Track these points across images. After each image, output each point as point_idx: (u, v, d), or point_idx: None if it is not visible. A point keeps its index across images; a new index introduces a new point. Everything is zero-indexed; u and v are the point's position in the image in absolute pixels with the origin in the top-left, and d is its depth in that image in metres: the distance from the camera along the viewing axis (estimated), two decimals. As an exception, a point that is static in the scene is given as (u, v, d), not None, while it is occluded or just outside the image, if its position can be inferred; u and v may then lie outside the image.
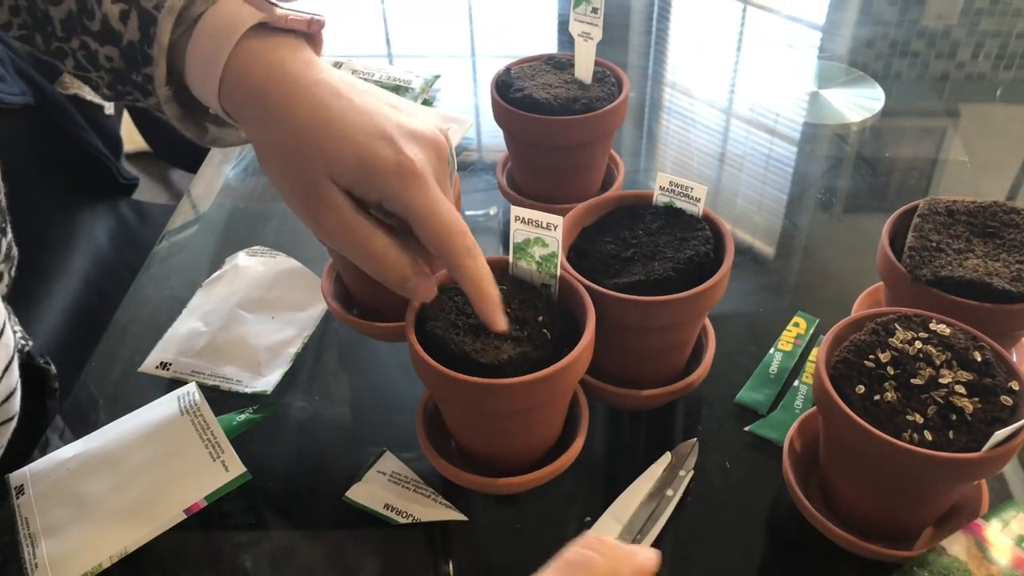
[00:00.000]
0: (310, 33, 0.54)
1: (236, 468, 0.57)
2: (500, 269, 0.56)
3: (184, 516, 0.55)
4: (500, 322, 0.50)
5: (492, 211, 0.84)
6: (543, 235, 0.54)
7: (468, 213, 0.84)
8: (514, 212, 0.54)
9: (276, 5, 0.52)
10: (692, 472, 0.58)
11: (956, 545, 0.49)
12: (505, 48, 1.17)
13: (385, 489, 0.58)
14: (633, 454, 0.61)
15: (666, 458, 0.58)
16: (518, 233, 0.55)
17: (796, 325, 0.69)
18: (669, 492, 0.56)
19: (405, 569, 0.55)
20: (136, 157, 1.80)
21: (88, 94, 1.06)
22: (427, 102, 0.97)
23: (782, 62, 1.10)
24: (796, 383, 0.64)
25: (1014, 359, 0.61)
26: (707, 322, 0.65)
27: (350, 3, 1.27)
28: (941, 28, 1.19)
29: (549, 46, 1.13)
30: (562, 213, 0.60)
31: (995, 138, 0.98)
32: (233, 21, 0.50)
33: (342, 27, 1.20)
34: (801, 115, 0.98)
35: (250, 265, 0.75)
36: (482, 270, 0.50)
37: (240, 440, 0.61)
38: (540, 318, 0.53)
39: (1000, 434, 0.44)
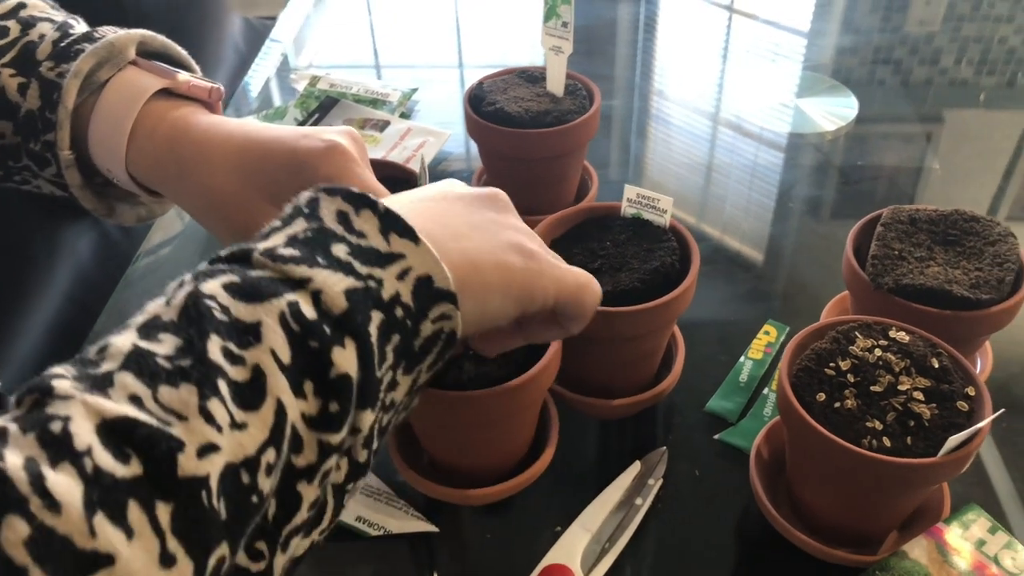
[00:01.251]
0: (210, 102, 0.56)
1: (209, 482, 0.58)
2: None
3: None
4: None
5: None
6: None
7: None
8: None
9: (177, 72, 0.55)
10: (661, 480, 0.58)
11: (917, 549, 0.50)
12: (492, 59, 1.18)
13: (357, 502, 0.58)
14: (603, 463, 0.61)
15: (635, 467, 0.59)
16: None
17: (767, 333, 0.70)
18: (638, 501, 0.57)
19: (377, 581, 0.55)
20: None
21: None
22: (405, 115, 0.97)
23: (762, 72, 1.11)
24: (766, 391, 0.65)
25: (977, 364, 0.62)
26: (677, 331, 0.65)
27: (338, 16, 1.28)
28: (924, 34, 1.20)
29: (538, 59, 1.14)
30: (535, 225, 0.61)
31: (977, 143, 0.99)
32: (139, 87, 0.53)
33: (330, 39, 1.21)
34: (775, 124, 0.99)
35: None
36: None
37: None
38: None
39: (955, 439, 0.45)
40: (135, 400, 0.29)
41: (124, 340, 0.31)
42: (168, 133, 0.53)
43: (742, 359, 0.68)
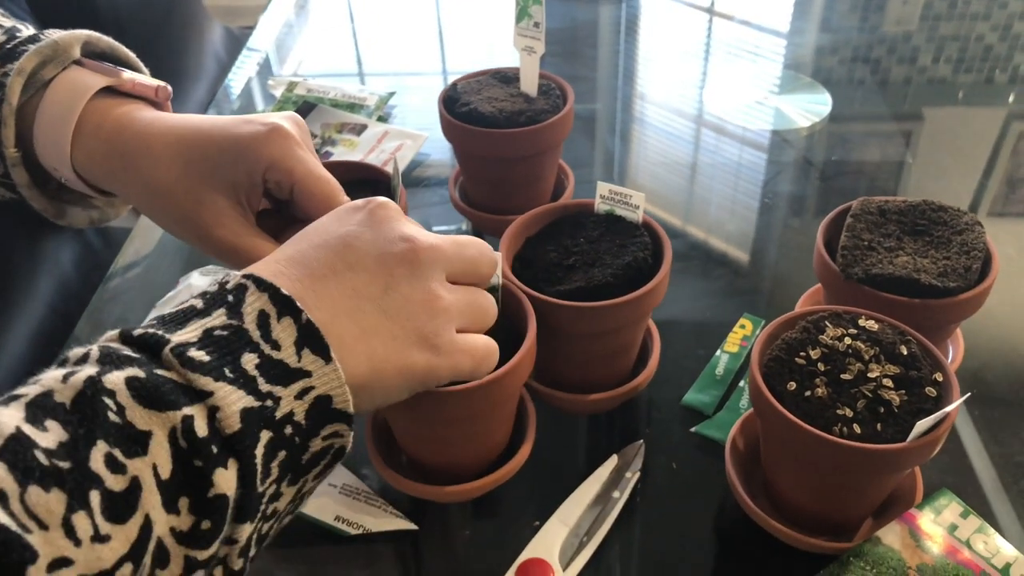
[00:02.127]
0: (157, 100, 0.56)
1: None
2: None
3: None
4: None
5: (464, 227, 0.85)
6: None
7: (436, 229, 0.85)
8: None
9: (122, 71, 0.55)
10: (639, 474, 0.59)
11: (891, 535, 0.50)
12: (475, 65, 1.19)
13: (336, 501, 0.58)
14: (581, 458, 0.62)
15: (613, 461, 0.59)
16: None
17: (742, 327, 0.71)
18: (616, 494, 0.57)
19: (357, 579, 0.55)
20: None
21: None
22: (382, 119, 0.98)
23: (740, 71, 1.12)
24: (741, 384, 0.66)
25: (948, 353, 0.62)
26: (652, 326, 0.66)
27: (320, 24, 1.29)
28: (901, 33, 1.21)
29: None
30: (509, 224, 0.62)
31: (956, 140, 1.00)
32: (82, 85, 0.53)
33: (312, 47, 1.21)
34: (752, 122, 1.00)
35: (203, 285, 0.75)
36: None
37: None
38: (482, 329, 0.54)
39: (923, 424, 0.46)
40: (2, 497, 0.28)
41: (10, 418, 0.30)
42: (112, 128, 0.53)
43: (718, 353, 0.68)
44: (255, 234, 0.52)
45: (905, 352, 0.51)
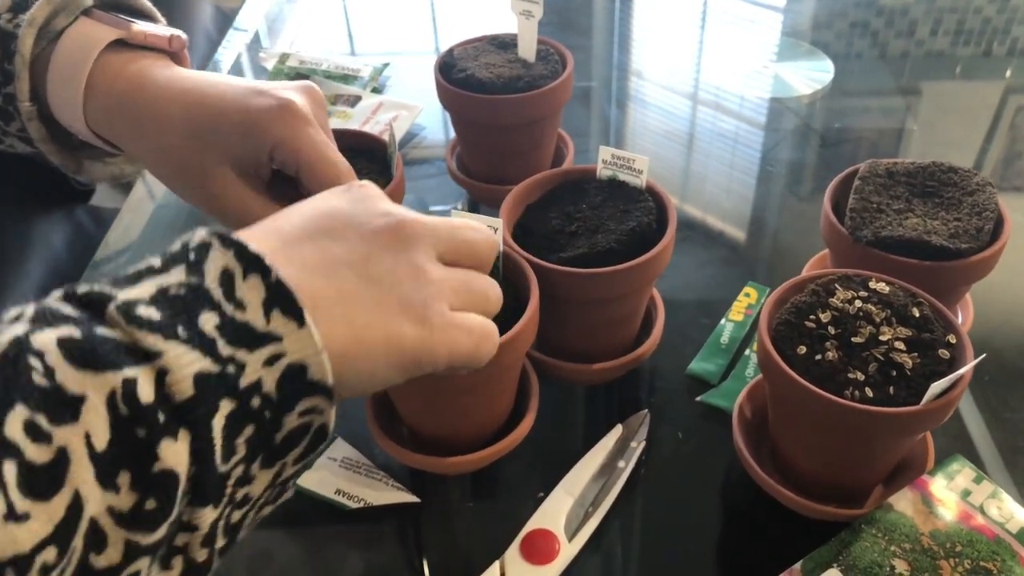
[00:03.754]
0: (172, 51, 0.55)
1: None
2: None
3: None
4: None
5: (459, 206, 0.83)
6: None
7: (433, 209, 0.83)
8: (455, 215, 0.54)
9: (133, 22, 0.53)
10: (644, 443, 0.58)
11: (903, 501, 0.49)
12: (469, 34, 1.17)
13: (336, 475, 0.57)
14: (585, 428, 0.60)
15: (617, 430, 0.58)
16: None
17: (747, 295, 0.69)
18: (621, 464, 0.56)
19: (358, 553, 0.54)
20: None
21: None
22: (377, 90, 0.96)
23: (740, 39, 1.10)
24: (747, 352, 0.65)
25: (958, 315, 0.61)
26: (656, 294, 0.65)
27: (310, 1, 1.26)
28: (900, 5, 1.19)
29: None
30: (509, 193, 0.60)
31: (954, 114, 0.98)
32: (92, 39, 0.52)
33: (304, 24, 1.19)
34: (754, 90, 0.98)
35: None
36: None
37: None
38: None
39: (937, 386, 0.45)
40: None
41: None
42: (124, 89, 0.52)
43: (723, 321, 0.67)
44: (262, 203, 0.51)
45: (917, 314, 0.50)
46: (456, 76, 0.72)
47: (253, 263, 0.32)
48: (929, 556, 0.47)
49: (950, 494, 0.50)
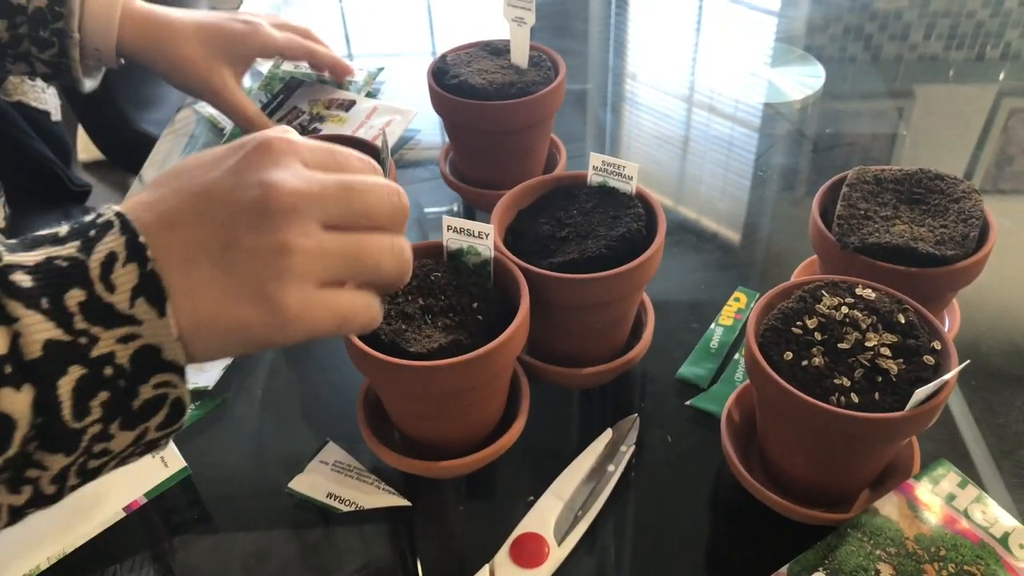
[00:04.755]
0: None
1: (176, 463, 0.57)
2: (435, 254, 0.57)
3: (124, 514, 0.55)
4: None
5: (455, 207, 0.84)
6: (475, 244, 0.55)
7: (428, 211, 0.84)
8: (445, 221, 0.55)
9: None
10: (633, 447, 0.58)
11: (888, 505, 0.50)
12: (463, 39, 1.17)
13: (328, 479, 0.57)
14: (576, 432, 0.61)
15: (607, 434, 0.58)
16: (451, 242, 0.56)
17: (737, 300, 0.70)
18: (611, 468, 0.57)
19: (349, 556, 0.55)
20: (92, 166, 1.78)
21: (32, 100, 1.05)
22: (371, 94, 0.96)
23: (733, 45, 1.10)
24: (736, 356, 0.65)
25: (945, 321, 0.62)
26: (646, 299, 0.65)
27: (304, 3, 1.27)
28: (893, 10, 1.20)
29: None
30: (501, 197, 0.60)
31: (946, 118, 0.99)
32: None
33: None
34: (746, 95, 0.99)
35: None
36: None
37: (182, 436, 0.60)
38: (475, 304, 0.53)
39: (921, 392, 0.45)
40: None
41: None
42: (142, 18, 0.79)
43: (713, 326, 0.68)
44: (244, 95, 0.84)
45: (903, 320, 0.50)
46: (449, 82, 0.72)
47: (138, 251, 0.36)
48: (914, 560, 0.47)
49: (935, 498, 0.50)
